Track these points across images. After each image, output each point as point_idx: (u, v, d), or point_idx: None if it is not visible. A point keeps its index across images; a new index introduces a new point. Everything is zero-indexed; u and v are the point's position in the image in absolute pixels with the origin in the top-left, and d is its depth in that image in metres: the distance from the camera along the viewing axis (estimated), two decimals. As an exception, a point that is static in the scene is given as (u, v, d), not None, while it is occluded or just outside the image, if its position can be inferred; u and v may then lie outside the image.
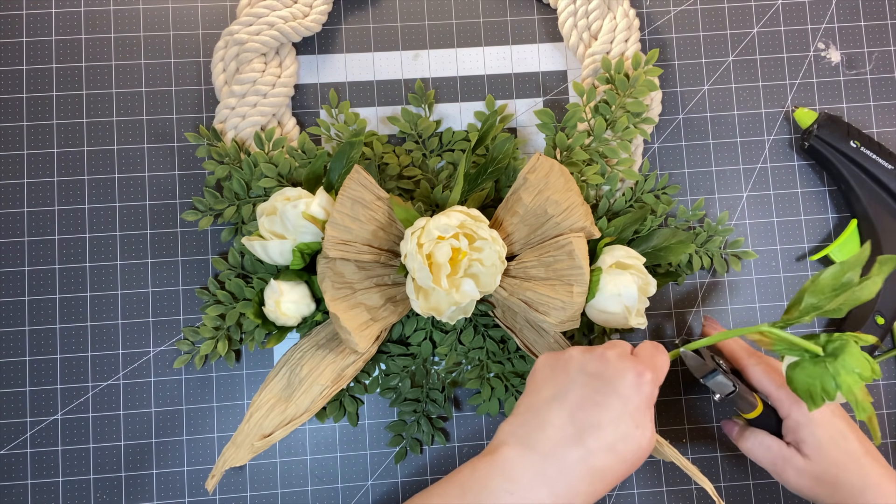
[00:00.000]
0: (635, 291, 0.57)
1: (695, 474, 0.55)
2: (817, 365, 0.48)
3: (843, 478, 0.52)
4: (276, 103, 0.64)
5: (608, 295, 0.57)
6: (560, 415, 0.47)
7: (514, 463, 0.46)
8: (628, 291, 0.57)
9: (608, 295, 0.57)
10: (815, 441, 0.52)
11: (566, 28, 0.66)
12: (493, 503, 0.45)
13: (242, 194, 0.62)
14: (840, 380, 0.47)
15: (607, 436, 0.46)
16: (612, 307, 0.57)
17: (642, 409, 0.47)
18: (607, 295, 0.57)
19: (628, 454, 0.46)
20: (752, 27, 0.69)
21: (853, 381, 0.47)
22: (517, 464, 0.46)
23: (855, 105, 0.68)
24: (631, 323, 0.57)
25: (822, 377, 0.48)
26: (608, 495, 0.64)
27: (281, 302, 0.59)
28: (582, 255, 0.55)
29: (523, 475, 0.45)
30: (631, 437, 0.46)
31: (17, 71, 0.65)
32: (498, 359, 0.63)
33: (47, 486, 0.61)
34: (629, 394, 0.47)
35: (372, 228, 0.57)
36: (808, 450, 0.53)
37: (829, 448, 0.52)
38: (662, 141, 0.67)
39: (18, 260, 0.63)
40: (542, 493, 0.45)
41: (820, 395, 0.48)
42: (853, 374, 0.47)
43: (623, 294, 0.57)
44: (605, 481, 0.46)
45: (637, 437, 0.46)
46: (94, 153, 0.65)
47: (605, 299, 0.57)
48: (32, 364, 0.63)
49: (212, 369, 0.63)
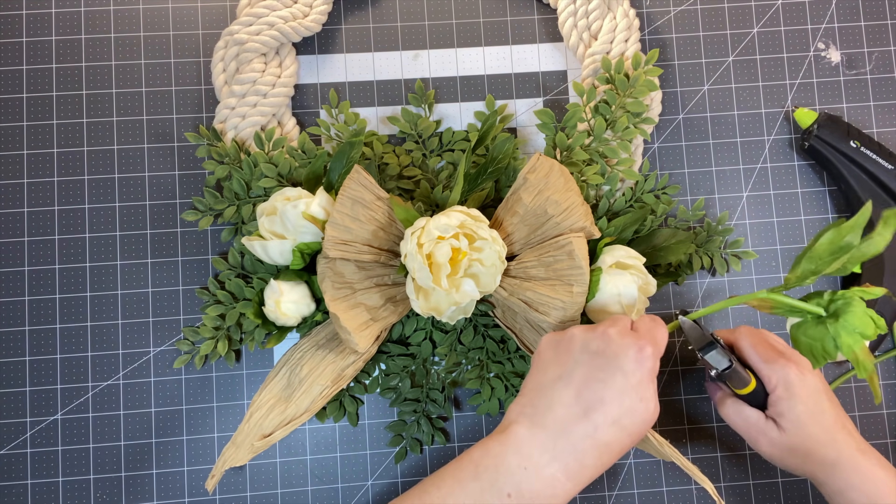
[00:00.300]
0: (635, 291, 0.57)
1: (695, 474, 0.55)
2: (819, 325, 0.48)
3: (816, 451, 0.53)
4: (276, 103, 0.64)
5: (608, 295, 0.57)
6: (567, 393, 0.48)
7: (525, 441, 0.47)
8: (628, 291, 0.57)
9: (608, 295, 0.57)
10: (793, 416, 0.54)
11: (566, 28, 0.66)
12: (507, 480, 0.46)
13: (242, 194, 0.62)
14: (840, 340, 0.47)
15: (612, 411, 0.47)
16: (612, 307, 0.57)
17: (645, 382, 0.48)
18: (607, 295, 0.57)
19: (633, 427, 0.48)
20: (752, 27, 0.69)
21: (854, 341, 0.47)
22: (528, 441, 0.47)
23: (855, 105, 0.68)
24: None
25: (822, 338, 0.48)
26: (608, 495, 0.64)
27: (281, 302, 0.59)
28: (582, 255, 0.55)
29: (535, 452, 0.47)
30: (635, 410, 0.48)
31: (17, 71, 0.65)
32: (498, 359, 0.63)
33: (47, 486, 0.61)
34: (632, 369, 0.48)
35: (372, 228, 0.57)
36: (786, 423, 0.54)
37: (806, 423, 0.54)
38: (662, 141, 0.67)
39: (18, 260, 0.63)
40: (553, 467, 0.47)
41: (821, 354, 0.48)
42: (854, 334, 0.47)
43: (623, 294, 0.57)
44: (611, 454, 0.48)
45: (641, 410, 0.48)
46: (94, 153, 0.65)
47: (605, 299, 0.57)
48: (32, 364, 0.63)
49: (212, 369, 0.63)
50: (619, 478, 0.64)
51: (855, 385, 0.66)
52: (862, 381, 0.66)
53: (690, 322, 0.55)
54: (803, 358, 0.55)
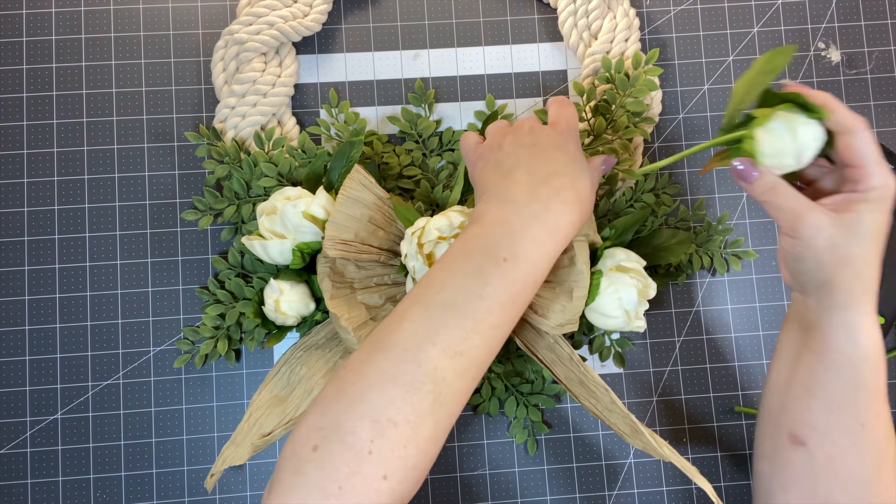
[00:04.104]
0: (635, 295, 0.57)
1: (694, 475, 0.55)
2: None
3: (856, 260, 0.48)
4: (276, 103, 0.64)
5: (608, 299, 0.57)
6: (521, 175, 0.50)
7: (502, 216, 0.49)
8: (628, 296, 0.57)
9: (608, 299, 0.57)
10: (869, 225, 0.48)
11: (566, 27, 0.66)
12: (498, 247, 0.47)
13: (242, 194, 0.62)
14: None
15: (565, 178, 0.50)
16: (611, 311, 0.57)
17: (579, 153, 0.52)
18: (607, 299, 0.57)
19: (586, 191, 0.51)
20: (752, 27, 0.69)
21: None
22: (505, 214, 0.49)
23: (855, 105, 0.68)
24: (631, 326, 0.57)
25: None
26: (608, 495, 0.64)
27: (280, 301, 0.59)
28: (583, 260, 0.55)
29: (513, 219, 0.49)
30: (581, 177, 0.51)
31: (17, 71, 0.65)
32: (498, 359, 0.63)
33: (47, 486, 0.62)
34: (564, 146, 0.52)
35: (372, 228, 0.57)
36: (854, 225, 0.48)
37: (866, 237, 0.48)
38: (662, 141, 0.67)
39: (18, 260, 0.63)
40: (534, 227, 0.48)
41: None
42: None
43: (623, 298, 0.57)
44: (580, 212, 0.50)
45: (584, 177, 0.51)
46: (94, 153, 0.65)
47: (605, 303, 0.57)
48: (32, 364, 0.63)
49: (212, 369, 0.63)
50: (619, 478, 0.64)
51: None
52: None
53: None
54: None
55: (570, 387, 0.58)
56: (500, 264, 0.47)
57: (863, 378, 0.48)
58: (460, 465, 0.64)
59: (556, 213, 0.49)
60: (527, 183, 0.50)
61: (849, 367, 0.48)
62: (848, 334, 0.48)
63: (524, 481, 0.64)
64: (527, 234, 0.48)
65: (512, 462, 0.64)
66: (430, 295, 0.46)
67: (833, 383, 0.49)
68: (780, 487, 0.51)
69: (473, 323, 0.45)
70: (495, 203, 0.50)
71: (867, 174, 0.48)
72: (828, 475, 0.49)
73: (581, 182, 0.51)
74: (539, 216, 0.48)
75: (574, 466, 0.64)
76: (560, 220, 0.49)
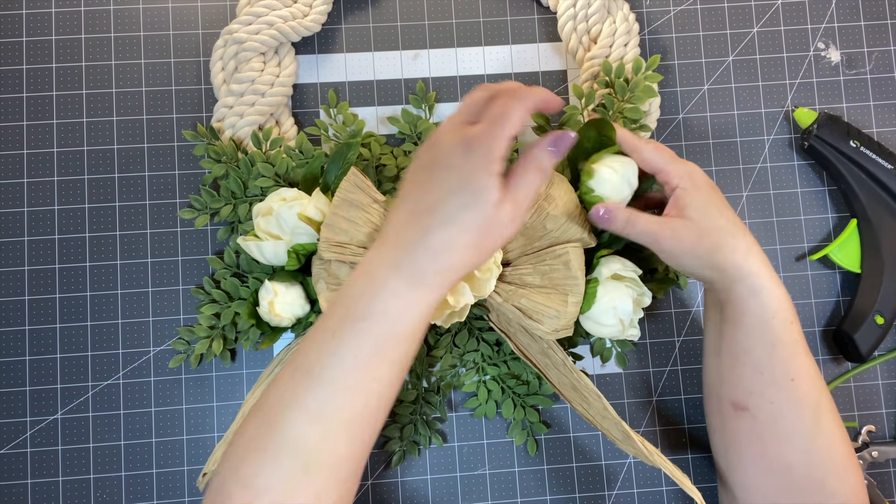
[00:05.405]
0: (630, 305, 0.57)
1: (683, 482, 0.55)
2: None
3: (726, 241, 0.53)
4: (275, 102, 0.64)
5: (604, 308, 0.57)
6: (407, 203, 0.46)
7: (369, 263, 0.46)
8: (624, 305, 0.56)
9: (604, 308, 0.57)
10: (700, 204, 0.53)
11: (566, 31, 0.66)
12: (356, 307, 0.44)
13: (239, 193, 0.62)
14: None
15: (443, 212, 0.44)
16: (607, 319, 0.57)
17: (480, 171, 0.44)
18: (603, 308, 0.57)
19: (472, 221, 0.44)
20: (752, 27, 0.69)
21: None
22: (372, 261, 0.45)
23: (855, 105, 0.68)
24: (625, 335, 0.57)
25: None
26: (608, 495, 0.64)
27: (275, 303, 0.58)
28: (578, 265, 0.55)
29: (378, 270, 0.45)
30: (471, 204, 0.44)
31: (17, 71, 0.65)
32: (493, 361, 0.62)
33: (47, 486, 0.62)
34: (459, 164, 0.44)
35: (367, 231, 0.56)
36: (692, 212, 0.53)
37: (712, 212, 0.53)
38: (662, 141, 0.67)
39: (18, 260, 0.64)
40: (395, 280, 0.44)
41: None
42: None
43: (619, 307, 0.56)
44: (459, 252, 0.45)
45: (480, 201, 0.44)
46: (94, 153, 0.65)
47: (601, 312, 0.57)
48: (32, 364, 0.63)
49: (211, 369, 0.63)
50: (619, 478, 0.64)
51: (854, 385, 0.66)
52: (862, 381, 0.66)
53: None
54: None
55: (564, 392, 0.58)
56: (357, 322, 0.44)
57: (777, 334, 0.52)
58: (460, 465, 0.64)
59: (426, 258, 0.44)
60: (398, 222, 0.46)
61: (763, 327, 0.52)
62: (753, 298, 0.52)
63: (524, 481, 0.64)
64: (387, 287, 0.44)
65: (512, 462, 0.64)
66: (294, 356, 0.45)
67: (754, 346, 0.53)
68: (736, 456, 0.55)
69: (332, 385, 0.43)
70: (377, 242, 0.46)
71: (668, 172, 0.55)
72: (773, 435, 0.53)
73: (463, 212, 0.44)
74: (401, 266, 0.44)
75: (574, 466, 0.64)
76: (430, 266, 0.44)
